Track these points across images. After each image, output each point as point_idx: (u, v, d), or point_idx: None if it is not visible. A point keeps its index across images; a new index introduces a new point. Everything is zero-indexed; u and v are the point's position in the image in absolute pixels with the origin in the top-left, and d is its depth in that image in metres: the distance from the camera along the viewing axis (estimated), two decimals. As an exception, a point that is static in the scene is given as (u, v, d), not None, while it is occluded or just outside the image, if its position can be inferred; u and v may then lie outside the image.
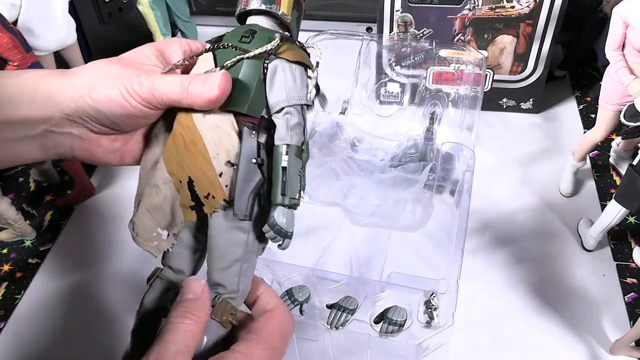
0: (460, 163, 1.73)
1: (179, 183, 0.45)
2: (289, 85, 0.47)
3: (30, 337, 2.30)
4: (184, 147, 0.45)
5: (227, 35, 0.49)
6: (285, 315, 0.47)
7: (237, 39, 0.47)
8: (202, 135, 0.44)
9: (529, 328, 2.16)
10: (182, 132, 0.45)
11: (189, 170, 0.44)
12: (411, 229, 1.59)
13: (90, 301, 2.40)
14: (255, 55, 0.46)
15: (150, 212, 0.46)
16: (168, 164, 0.45)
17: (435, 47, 2.05)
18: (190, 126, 0.45)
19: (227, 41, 0.48)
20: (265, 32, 0.48)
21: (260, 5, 0.49)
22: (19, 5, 2.56)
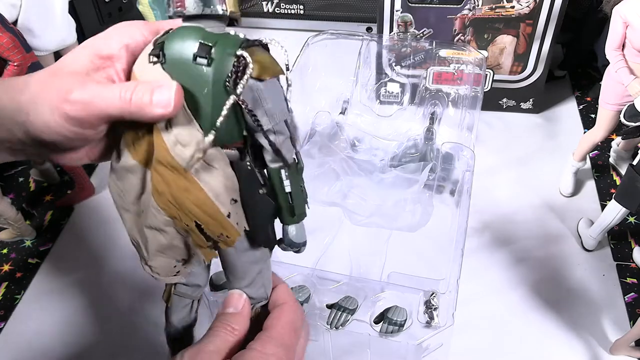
0: (460, 163, 1.73)
1: (186, 226, 0.42)
2: (268, 107, 0.42)
3: (30, 337, 2.30)
4: (178, 191, 0.41)
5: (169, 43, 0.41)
6: (295, 309, 0.48)
7: (190, 57, 0.40)
8: (197, 179, 0.41)
9: (529, 328, 2.16)
10: (172, 177, 0.41)
11: (194, 216, 0.41)
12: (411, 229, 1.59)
13: (90, 301, 2.40)
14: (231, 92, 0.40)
15: (162, 252, 0.44)
16: (166, 210, 0.42)
17: (435, 47, 2.05)
18: (177, 168, 0.40)
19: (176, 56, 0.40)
20: (223, 45, 0.40)
21: (204, 10, 0.41)
22: (19, 5, 2.56)
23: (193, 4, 0.41)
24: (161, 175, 0.41)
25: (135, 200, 0.44)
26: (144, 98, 0.39)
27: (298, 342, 0.46)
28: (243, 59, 0.39)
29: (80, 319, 2.35)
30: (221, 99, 0.40)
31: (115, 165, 0.44)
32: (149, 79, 0.41)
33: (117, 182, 0.44)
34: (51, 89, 0.40)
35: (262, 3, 3.98)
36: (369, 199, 1.69)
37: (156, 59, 0.41)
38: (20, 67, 2.40)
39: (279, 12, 4.00)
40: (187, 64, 0.40)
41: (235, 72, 0.39)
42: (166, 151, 0.40)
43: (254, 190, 0.43)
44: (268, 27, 4.07)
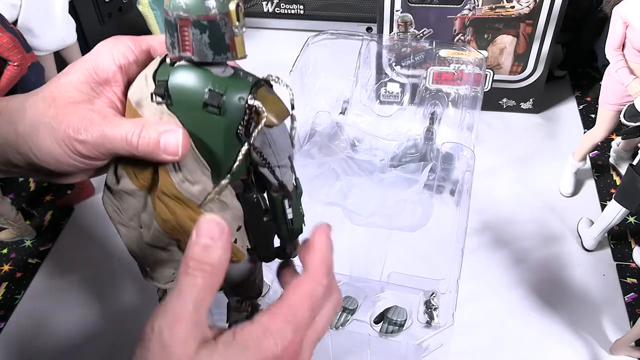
0: (460, 163, 1.73)
1: None
2: (275, 147, 0.42)
3: (30, 337, 2.30)
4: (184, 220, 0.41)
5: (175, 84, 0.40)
6: (317, 279, 0.40)
7: (199, 103, 0.39)
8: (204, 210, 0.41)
9: (529, 328, 2.16)
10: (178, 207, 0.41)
11: None
12: (411, 229, 1.59)
13: (90, 301, 2.40)
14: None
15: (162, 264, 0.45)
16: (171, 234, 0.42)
17: (435, 47, 2.05)
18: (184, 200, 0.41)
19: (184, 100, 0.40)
20: (233, 93, 0.39)
21: (214, 58, 0.39)
22: (19, 5, 2.56)
23: (202, 50, 0.39)
24: (166, 204, 0.41)
25: (134, 217, 0.44)
26: (150, 143, 0.39)
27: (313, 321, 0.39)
28: (255, 108, 0.39)
29: (80, 318, 2.35)
30: (233, 145, 0.40)
31: (112, 187, 0.44)
32: (151, 117, 0.41)
33: (114, 201, 0.44)
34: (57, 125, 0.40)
35: (262, 3, 3.98)
36: (369, 199, 1.69)
37: (161, 99, 0.40)
38: (20, 67, 2.40)
39: (279, 12, 4.00)
40: (197, 110, 0.40)
41: (247, 120, 0.40)
42: (172, 186, 0.41)
43: (260, 219, 0.44)
44: (268, 27, 4.07)
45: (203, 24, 0.38)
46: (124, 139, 0.39)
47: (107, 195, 0.44)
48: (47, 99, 0.41)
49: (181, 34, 0.39)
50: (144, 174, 0.42)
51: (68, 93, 0.41)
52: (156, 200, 0.42)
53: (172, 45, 0.40)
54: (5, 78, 2.40)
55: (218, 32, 0.38)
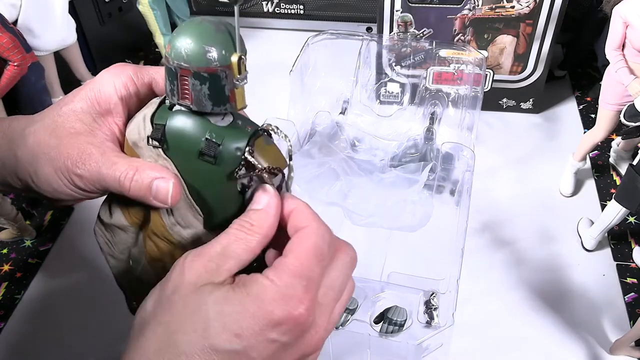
0: (460, 163, 1.73)
1: None
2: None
3: (30, 337, 2.30)
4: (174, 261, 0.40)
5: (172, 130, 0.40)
6: (317, 231, 0.37)
7: (195, 152, 0.39)
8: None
9: (529, 328, 2.16)
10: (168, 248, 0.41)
11: None
12: (411, 229, 1.59)
13: (90, 301, 2.40)
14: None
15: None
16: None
17: (435, 47, 2.05)
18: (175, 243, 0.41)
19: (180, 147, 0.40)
20: (230, 143, 0.39)
21: (213, 109, 0.39)
22: (19, 5, 2.57)
23: (201, 101, 0.39)
24: (157, 245, 0.42)
25: (124, 250, 0.44)
26: (142, 188, 0.39)
27: (328, 271, 0.37)
28: (250, 163, 0.39)
29: (80, 318, 2.35)
30: (227, 194, 0.40)
31: (105, 220, 0.44)
32: (147, 159, 0.41)
33: (106, 233, 0.45)
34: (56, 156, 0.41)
35: (262, 3, 3.98)
36: (369, 199, 1.69)
37: (157, 143, 0.40)
38: (20, 67, 2.40)
39: (279, 12, 4.00)
40: (192, 158, 0.40)
41: (243, 172, 0.39)
42: (164, 228, 0.41)
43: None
44: (268, 27, 4.07)
45: (203, 76, 0.38)
46: (117, 180, 0.40)
47: (99, 227, 0.45)
48: (49, 128, 0.42)
49: (181, 83, 0.38)
50: (137, 212, 0.42)
51: (70, 123, 0.42)
52: (147, 239, 0.42)
53: (171, 92, 0.39)
54: (5, 78, 2.40)
55: (218, 84, 0.38)
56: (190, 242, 0.41)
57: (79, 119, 0.42)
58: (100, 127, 0.43)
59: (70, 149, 0.41)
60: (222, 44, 0.37)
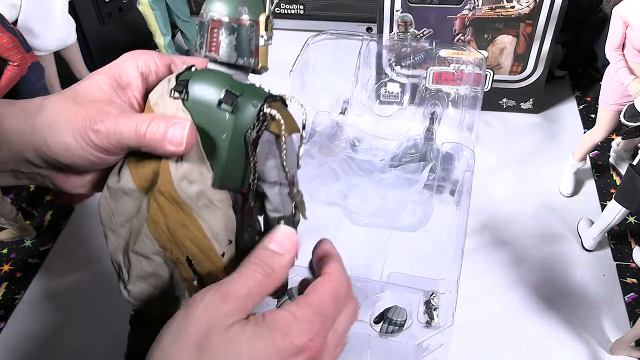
0: (460, 163, 1.73)
1: (175, 259, 0.42)
2: (281, 163, 0.43)
3: (30, 337, 2.30)
4: (175, 224, 0.41)
5: (194, 82, 0.42)
6: (339, 279, 0.41)
7: (214, 101, 0.41)
8: (197, 216, 0.41)
9: (529, 328, 2.16)
10: (170, 210, 0.41)
11: (187, 251, 0.42)
12: (411, 229, 1.59)
13: (90, 301, 2.40)
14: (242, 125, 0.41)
15: (144, 278, 0.44)
16: (158, 240, 0.42)
17: (435, 47, 2.05)
18: (179, 203, 0.41)
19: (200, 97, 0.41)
20: (249, 97, 0.41)
21: (237, 60, 0.42)
22: (19, 5, 2.57)
23: (227, 52, 0.41)
24: (160, 206, 0.41)
25: (125, 223, 0.44)
26: (157, 134, 0.40)
27: (339, 316, 0.40)
28: (266, 115, 0.41)
29: (80, 318, 2.35)
30: (238, 147, 0.41)
31: (112, 185, 0.44)
32: (167, 113, 0.42)
33: (110, 202, 0.44)
34: (75, 117, 0.41)
35: (262, 3, 3.98)
36: (369, 199, 1.69)
37: (178, 94, 0.42)
38: (20, 67, 2.40)
39: (279, 12, 4.00)
40: (210, 107, 0.41)
41: (257, 125, 0.41)
42: (170, 184, 0.41)
43: (252, 237, 0.44)
44: (268, 27, 4.07)
45: (233, 27, 0.41)
46: (133, 128, 0.40)
47: (105, 196, 0.44)
48: (69, 97, 0.43)
49: (211, 35, 0.41)
50: (145, 173, 0.42)
51: (90, 92, 0.43)
52: (151, 201, 0.42)
53: (200, 46, 0.42)
54: (5, 78, 2.40)
55: (245, 36, 0.41)
56: (195, 198, 0.41)
57: (99, 88, 0.43)
58: (120, 97, 0.44)
59: (90, 110, 0.41)
60: (254, 3, 0.41)
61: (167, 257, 0.43)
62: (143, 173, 0.42)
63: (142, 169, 0.42)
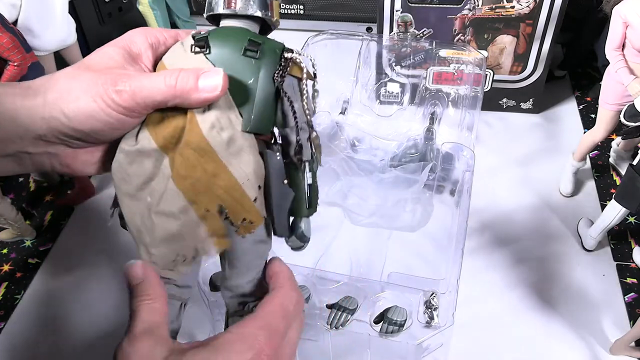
0: (460, 163, 1.73)
1: (205, 212, 0.42)
2: (301, 104, 0.46)
3: (30, 337, 2.30)
4: (205, 175, 0.42)
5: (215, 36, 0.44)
6: (287, 293, 0.43)
7: (239, 50, 0.43)
8: (228, 164, 0.42)
9: (529, 328, 2.16)
10: (199, 161, 0.42)
11: (219, 200, 0.42)
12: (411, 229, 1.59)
13: (90, 301, 2.40)
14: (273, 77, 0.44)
15: (168, 240, 0.43)
16: (187, 194, 0.42)
17: (435, 47, 2.05)
18: (208, 151, 0.41)
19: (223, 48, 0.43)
20: (270, 45, 0.44)
21: (256, 12, 0.45)
22: (19, 5, 2.56)
23: (245, 5, 0.44)
24: (187, 159, 0.42)
25: (142, 185, 0.43)
26: (188, 83, 0.40)
27: (288, 330, 0.41)
28: (288, 59, 0.44)
29: (80, 318, 2.35)
30: (265, 91, 0.44)
31: (127, 148, 0.43)
32: (187, 63, 0.43)
33: (125, 166, 0.44)
34: (93, 82, 0.40)
35: (262, 3, 3.98)
36: (369, 199, 1.69)
37: (199, 49, 0.43)
38: (20, 67, 2.40)
39: (279, 12, 4.00)
40: (235, 56, 0.43)
41: (280, 69, 0.44)
42: (199, 135, 0.41)
43: (280, 181, 0.45)
44: (268, 27, 4.07)
45: None
46: (162, 82, 0.40)
47: (119, 160, 0.44)
48: (81, 68, 0.42)
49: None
50: (167, 131, 0.42)
51: (103, 61, 0.43)
52: (176, 156, 0.42)
53: (216, 4, 0.45)
54: (5, 78, 2.40)
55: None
56: (226, 145, 0.42)
57: (111, 58, 0.43)
58: (132, 66, 0.44)
59: (108, 74, 0.41)
60: None
61: (196, 212, 0.42)
62: (164, 131, 0.43)
63: (163, 128, 0.43)
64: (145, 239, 0.43)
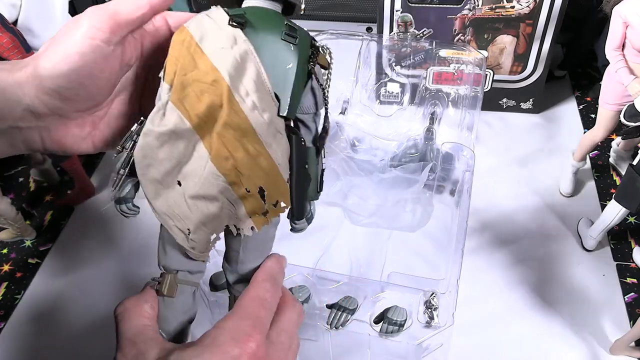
0: (460, 163, 1.73)
1: (245, 192, 0.42)
2: (320, 91, 0.47)
3: (30, 337, 2.30)
4: (247, 156, 0.42)
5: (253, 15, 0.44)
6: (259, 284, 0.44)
7: (278, 33, 0.44)
8: (267, 145, 0.42)
9: (529, 328, 2.16)
10: (241, 142, 0.42)
11: (261, 180, 0.43)
12: (411, 229, 1.59)
13: (90, 301, 2.40)
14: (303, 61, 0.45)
15: (206, 223, 0.43)
16: (227, 175, 0.42)
17: (435, 47, 2.05)
18: (250, 132, 0.42)
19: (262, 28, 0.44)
20: (301, 32, 0.46)
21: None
22: (19, 5, 2.56)
23: None
24: (227, 140, 0.41)
25: (172, 169, 0.42)
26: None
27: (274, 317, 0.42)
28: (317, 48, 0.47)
29: (79, 318, 2.35)
30: (301, 76, 0.44)
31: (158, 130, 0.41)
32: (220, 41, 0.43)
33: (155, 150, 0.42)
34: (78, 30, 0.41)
35: (262, 3, 3.98)
36: (369, 199, 1.69)
37: (236, 24, 0.43)
38: (20, 67, 2.40)
39: (279, 12, 4.00)
40: (274, 38, 0.44)
41: (313, 56, 0.46)
42: (240, 115, 0.41)
43: (302, 165, 0.46)
44: (268, 27, 4.07)
45: None
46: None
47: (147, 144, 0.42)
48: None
49: None
50: (200, 109, 0.41)
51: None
52: (214, 137, 0.41)
53: None
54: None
55: None
56: (266, 127, 0.42)
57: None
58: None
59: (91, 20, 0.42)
60: None
61: (236, 193, 0.42)
62: (197, 110, 0.41)
63: (196, 106, 0.41)
64: (182, 226, 0.42)
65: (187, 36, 0.42)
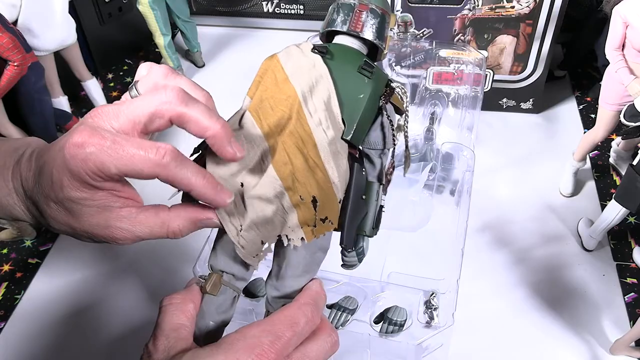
0: (460, 163, 1.72)
1: (299, 199, 0.44)
2: (391, 130, 0.49)
3: (30, 337, 2.30)
4: (304, 166, 0.44)
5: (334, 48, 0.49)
6: (300, 307, 0.43)
7: (355, 66, 0.48)
8: (325, 161, 0.44)
9: (529, 328, 2.16)
10: (303, 152, 0.44)
11: (314, 191, 0.44)
12: (411, 229, 1.59)
13: (90, 301, 2.40)
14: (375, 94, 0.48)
15: (258, 226, 0.44)
16: (284, 180, 0.43)
17: (435, 47, 2.05)
18: (311, 143, 0.44)
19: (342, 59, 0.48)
20: (379, 72, 0.49)
21: (375, 39, 0.50)
22: (19, 5, 2.56)
23: (370, 31, 0.50)
24: (289, 147, 0.44)
25: (238, 172, 0.44)
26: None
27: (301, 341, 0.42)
28: (393, 88, 0.49)
29: (79, 319, 2.35)
30: (370, 108, 0.47)
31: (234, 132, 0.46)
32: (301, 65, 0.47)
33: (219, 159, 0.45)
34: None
35: (262, 3, 3.98)
36: (369, 199, 1.69)
37: (318, 51, 0.48)
38: (20, 67, 2.40)
39: (279, 12, 4.00)
40: (351, 69, 0.48)
41: (386, 94, 0.49)
42: (304, 128, 0.44)
43: (359, 195, 0.48)
44: (268, 27, 4.07)
45: (377, 12, 0.50)
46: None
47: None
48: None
49: (356, 15, 0.50)
50: (272, 119, 0.45)
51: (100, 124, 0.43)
52: (279, 144, 0.44)
53: (342, 22, 0.50)
54: (5, 78, 2.40)
55: (383, 23, 0.51)
56: (327, 144, 0.45)
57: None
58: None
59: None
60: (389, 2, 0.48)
61: (291, 199, 0.44)
62: (270, 120, 0.45)
63: (268, 116, 0.45)
64: (237, 222, 0.44)
65: (274, 60, 0.48)
